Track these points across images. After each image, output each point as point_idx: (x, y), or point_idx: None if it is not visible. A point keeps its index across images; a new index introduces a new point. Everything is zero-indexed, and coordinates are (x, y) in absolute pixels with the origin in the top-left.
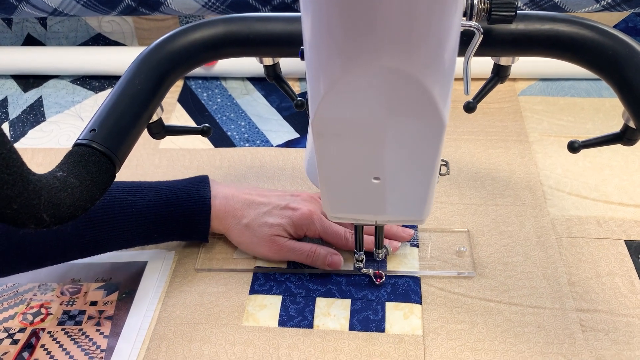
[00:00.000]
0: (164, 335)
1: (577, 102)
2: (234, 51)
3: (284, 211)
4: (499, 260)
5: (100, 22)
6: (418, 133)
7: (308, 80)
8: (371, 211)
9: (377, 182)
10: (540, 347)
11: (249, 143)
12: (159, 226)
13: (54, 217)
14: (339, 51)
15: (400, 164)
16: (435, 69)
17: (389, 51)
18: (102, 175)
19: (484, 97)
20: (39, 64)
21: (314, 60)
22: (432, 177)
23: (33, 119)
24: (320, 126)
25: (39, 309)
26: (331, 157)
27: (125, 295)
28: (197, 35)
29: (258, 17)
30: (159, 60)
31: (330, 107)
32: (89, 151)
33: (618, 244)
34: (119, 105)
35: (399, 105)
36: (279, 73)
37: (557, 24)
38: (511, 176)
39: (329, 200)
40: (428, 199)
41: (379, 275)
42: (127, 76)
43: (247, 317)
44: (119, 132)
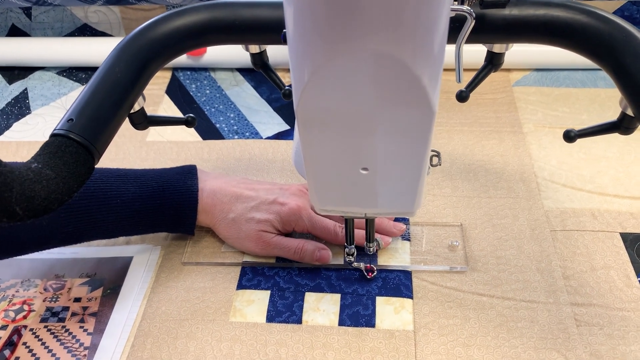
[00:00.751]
0: (149, 332)
1: (572, 92)
2: (219, 38)
3: (272, 206)
4: (492, 253)
5: (86, 12)
6: (407, 121)
7: (291, 66)
8: (360, 204)
9: (365, 173)
10: (534, 342)
11: (238, 135)
12: (144, 218)
13: (28, 210)
14: (323, 34)
15: (388, 154)
16: (424, 53)
17: (375, 34)
18: (79, 166)
19: (477, 85)
20: (24, 55)
21: (297, 44)
22: (422, 168)
23: (18, 112)
24: (305, 114)
25: (22, 305)
26: (317, 147)
27: (110, 291)
28: (180, 21)
29: (244, 3)
30: (140, 47)
31: (314, 94)
32: (66, 142)
33: (613, 236)
34: (98, 95)
35: (387, 92)
36: (266, 61)
37: (552, 9)
38: (505, 168)
39: (317, 193)
40: (418, 191)
41: (370, 269)
42: (107, 64)
43: (234, 312)
44: (97, 122)
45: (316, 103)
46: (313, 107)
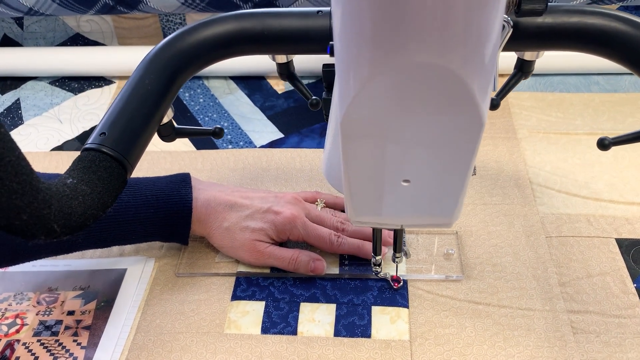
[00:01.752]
0: (144, 346)
1: (566, 97)
2: (247, 48)
3: (266, 215)
4: (488, 261)
5: (78, 21)
6: (455, 132)
7: (337, 79)
8: (398, 215)
9: (406, 184)
10: (531, 350)
11: (232, 145)
12: (137, 227)
13: (65, 227)
14: (371, 47)
15: (433, 165)
16: (476, 63)
17: (426, 46)
18: (113, 181)
19: (507, 93)
20: (16, 65)
21: (344, 57)
22: (465, 179)
23: (10, 122)
24: (350, 127)
25: (14, 319)
26: (359, 160)
27: (104, 304)
28: (208, 32)
29: (271, 13)
30: (170, 58)
31: (361, 107)
32: (99, 156)
33: (609, 242)
34: (129, 107)
35: (436, 103)
36: (292, 71)
37: (587, 16)
38: (499, 174)
39: (354, 205)
40: (459, 202)
41: (397, 279)
42: (137, 76)
43: (229, 324)
44: (129, 135)
45: (362, 116)
46: (359, 119)
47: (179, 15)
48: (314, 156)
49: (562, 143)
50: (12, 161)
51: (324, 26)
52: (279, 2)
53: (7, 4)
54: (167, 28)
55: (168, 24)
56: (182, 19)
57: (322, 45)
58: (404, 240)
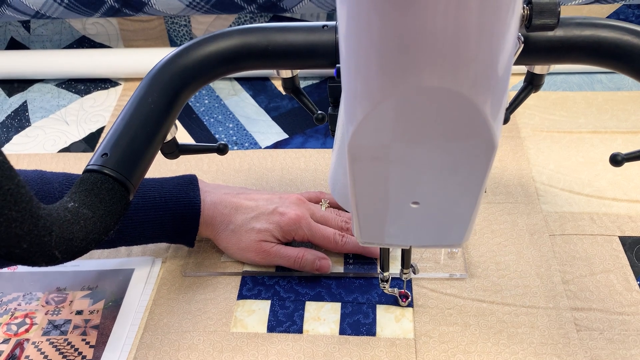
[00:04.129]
0: (151, 344)
1: (569, 96)
2: (252, 64)
3: (272, 216)
4: (492, 259)
5: (84, 24)
6: (466, 155)
7: (343, 101)
8: (406, 237)
9: (416, 207)
10: (535, 347)
11: (237, 146)
12: (145, 229)
13: (66, 252)
14: (378, 71)
15: (443, 188)
16: (488, 85)
17: (435, 70)
18: (115, 203)
19: (517, 107)
20: (23, 68)
21: (350, 80)
22: (476, 201)
23: (18, 124)
24: (357, 151)
25: (24, 319)
26: (367, 182)
27: (112, 304)
28: (211, 47)
29: (276, 27)
30: (172, 76)
31: (368, 130)
32: (101, 178)
33: (612, 240)
34: (131, 127)
35: (446, 127)
36: (297, 86)
37: (599, 29)
38: (503, 173)
39: (361, 227)
40: (470, 224)
41: (405, 294)
42: (139, 94)
43: (235, 323)
44: (132, 155)
45: (370, 139)
46: (366, 143)
47: (184, 18)
48: (318, 157)
49: (565, 141)
50: (12, 189)
51: (330, 41)
52: (283, 4)
53: (14, 7)
54: (172, 30)
55: (173, 26)
56: (187, 21)
57: (327, 60)
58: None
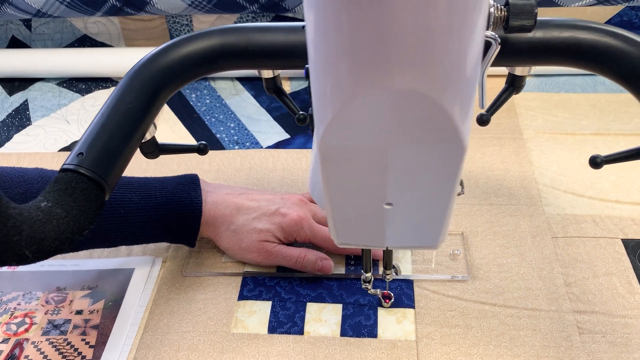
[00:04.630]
0: (151, 345)
1: (572, 97)
2: (232, 64)
3: (273, 217)
4: (494, 261)
5: (85, 23)
6: (435, 158)
7: (314, 102)
8: (382, 238)
9: (389, 207)
10: (537, 350)
11: (238, 145)
12: (147, 229)
13: (38, 252)
14: (347, 72)
15: (415, 190)
16: (455, 88)
17: (403, 72)
18: (90, 203)
19: (498, 109)
20: (24, 66)
21: (319, 81)
22: (449, 203)
23: (18, 123)
24: (328, 151)
25: (23, 318)
26: (339, 183)
27: (112, 304)
28: (191, 47)
29: (256, 27)
30: (151, 76)
31: (338, 131)
32: (76, 177)
33: (615, 242)
34: (108, 126)
35: (415, 128)
36: (279, 86)
37: (579, 31)
38: (505, 175)
39: (336, 227)
40: (444, 225)
41: (388, 295)
42: (117, 93)
43: (235, 324)
44: (108, 155)
45: (340, 139)
46: (337, 143)
47: (186, 17)
48: None
49: (568, 143)
50: None
51: None
52: (285, 4)
53: (15, 5)
54: (173, 29)
55: (175, 25)
56: (188, 21)
57: (307, 60)
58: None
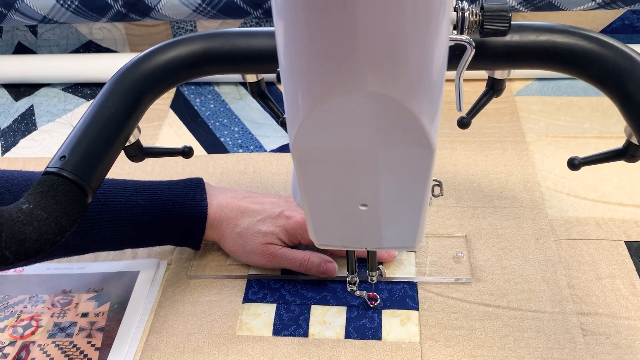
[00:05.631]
0: (156, 347)
1: (574, 101)
2: (214, 69)
3: (278, 219)
4: (497, 263)
5: (91, 29)
6: (406, 159)
7: (285, 104)
8: (360, 239)
9: (364, 208)
10: (541, 352)
11: (242, 149)
12: (152, 232)
13: (18, 253)
14: (316, 76)
15: (388, 190)
16: (421, 92)
17: (369, 75)
18: (72, 205)
19: (479, 112)
20: (30, 72)
21: (289, 84)
22: (423, 204)
23: (24, 128)
24: (300, 153)
25: (30, 321)
26: (314, 184)
27: (117, 306)
28: (174, 52)
29: (239, 32)
30: (135, 80)
31: (309, 133)
32: (59, 180)
33: (618, 245)
34: (92, 130)
35: (384, 131)
36: (263, 90)
37: (555, 34)
38: (508, 178)
39: (315, 229)
40: (420, 226)
41: (374, 297)
42: (101, 98)
43: (240, 326)
44: (91, 158)
45: (312, 142)
46: (308, 145)
47: (190, 23)
48: None
49: (570, 146)
50: None
51: None
52: None
53: (22, 12)
54: (177, 35)
55: (179, 31)
56: (193, 26)
57: None
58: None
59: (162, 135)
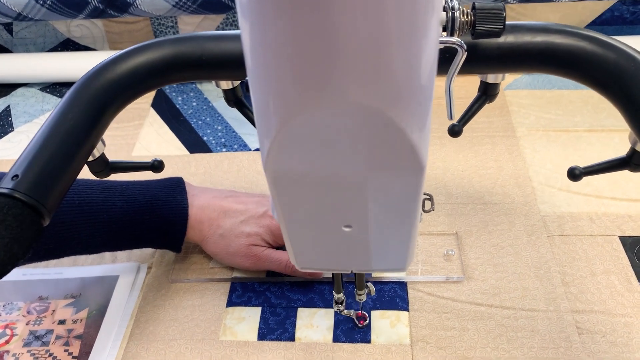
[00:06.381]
0: (137, 354)
1: (564, 94)
2: (184, 75)
3: (262, 219)
4: (489, 261)
5: (69, 26)
6: (393, 178)
7: (255, 118)
8: (344, 262)
9: (348, 230)
10: (535, 352)
11: (226, 148)
12: (131, 234)
13: None
14: (289, 85)
15: (374, 211)
16: (408, 100)
17: (349, 83)
18: (25, 230)
19: (471, 119)
20: (5, 72)
21: (260, 95)
22: (412, 224)
23: (0, 130)
24: (275, 173)
25: (4, 329)
26: (292, 205)
27: (96, 312)
28: (141, 58)
29: (211, 36)
30: (97, 90)
31: (284, 151)
32: (10, 202)
33: (612, 240)
34: (48, 146)
35: (367, 148)
36: (240, 97)
37: (552, 35)
38: (499, 173)
39: (294, 252)
40: (410, 246)
41: (362, 316)
42: (59, 111)
43: (224, 331)
44: (47, 177)
45: (287, 161)
46: (283, 165)
47: (171, 19)
48: None
49: (562, 140)
50: None
51: None
52: None
53: None
54: (158, 32)
55: (160, 27)
56: (173, 22)
57: None
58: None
59: (142, 135)
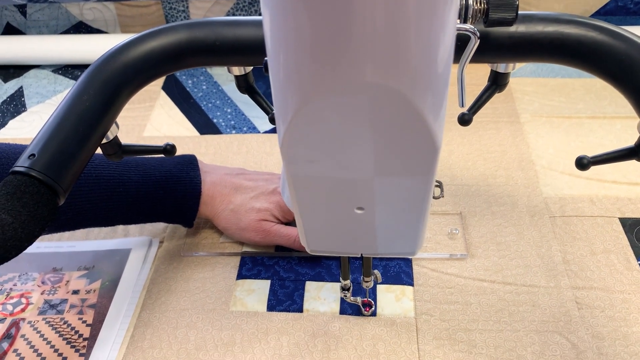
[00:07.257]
0: (149, 322)
1: (568, 82)
2: (199, 60)
3: (271, 196)
4: (492, 240)
5: (81, 9)
6: (407, 158)
7: (274, 99)
8: (355, 245)
9: (361, 212)
10: (536, 325)
11: (235, 130)
12: (145, 208)
13: None
14: (309, 67)
15: (387, 193)
16: (425, 83)
17: (368, 65)
18: (41, 208)
19: (480, 108)
20: (19, 53)
21: (279, 75)
22: (424, 207)
23: (14, 109)
24: (291, 153)
25: (20, 298)
26: (306, 187)
27: (109, 283)
28: (155, 43)
29: (225, 22)
30: (112, 73)
31: (301, 131)
32: (27, 180)
33: (612, 221)
34: (64, 126)
35: (384, 128)
36: (251, 84)
37: (563, 25)
38: (503, 157)
39: (307, 234)
40: (421, 231)
41: (368, 303)
42: (75, 92)
43: (234, 302)
44: (63, 157)
45: (304, 141)
46: (300, 145)
47: (182, 3)
48: None
49: (564, 126)
50: None
51: None
52: None
53: None
54: (170, 15)
55: (171, 11)
56: (185, 6)
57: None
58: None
59: (153, 116)
